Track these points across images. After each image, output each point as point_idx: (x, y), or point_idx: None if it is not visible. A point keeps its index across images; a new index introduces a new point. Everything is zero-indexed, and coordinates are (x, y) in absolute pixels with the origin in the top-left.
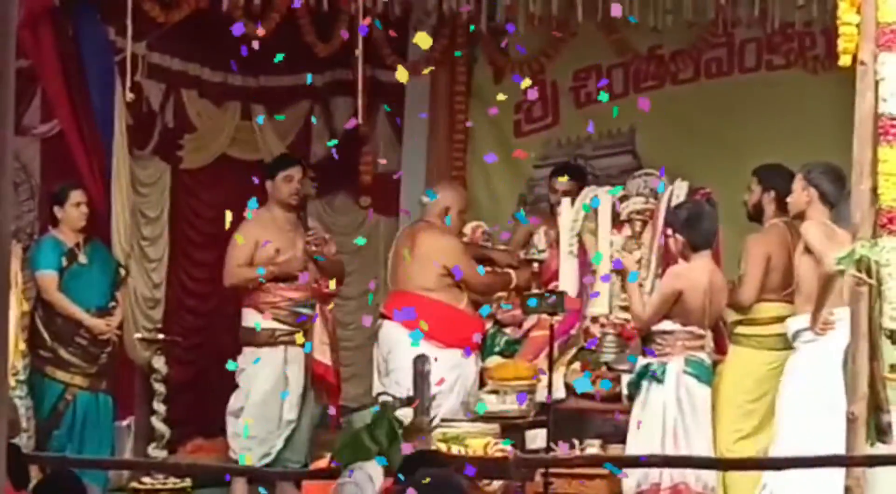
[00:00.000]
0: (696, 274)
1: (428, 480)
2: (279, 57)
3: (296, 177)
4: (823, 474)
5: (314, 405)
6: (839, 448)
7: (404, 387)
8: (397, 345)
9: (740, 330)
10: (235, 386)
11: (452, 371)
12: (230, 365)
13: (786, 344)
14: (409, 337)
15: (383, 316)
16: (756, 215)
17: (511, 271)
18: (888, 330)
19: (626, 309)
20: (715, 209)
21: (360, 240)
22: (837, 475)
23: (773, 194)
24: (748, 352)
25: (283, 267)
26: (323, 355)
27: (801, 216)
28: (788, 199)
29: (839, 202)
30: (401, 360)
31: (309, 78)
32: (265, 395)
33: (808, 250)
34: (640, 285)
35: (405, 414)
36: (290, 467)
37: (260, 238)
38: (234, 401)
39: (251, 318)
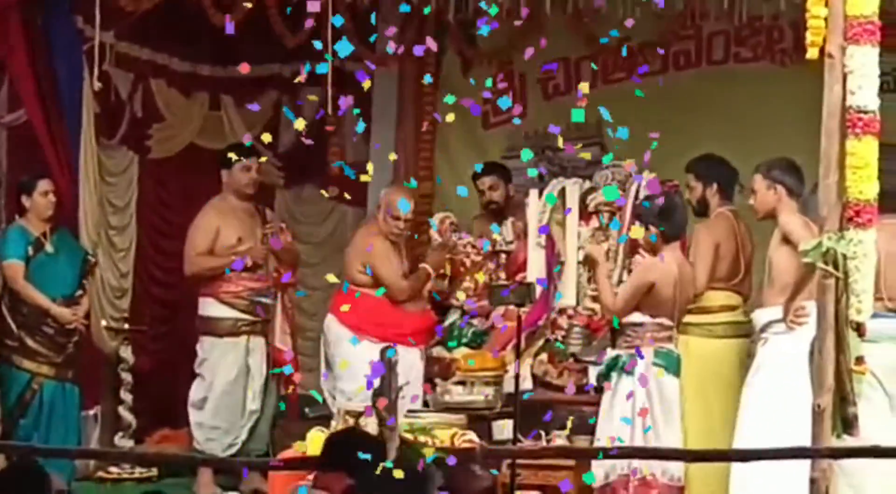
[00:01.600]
0: (667, 266)
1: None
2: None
3: (253, 167)
4: (792, 466)
5: (275, 394)
6: (808, 441)
7: (343, 381)
8: (337, 340)
9: (689, 319)
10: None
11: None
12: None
13: (735, 332)
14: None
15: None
16: (702, 210)
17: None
18: (854, 322)
19: (594, 298)
20: (684, 201)
21: None
22: (805, 467)
23: (715, 186)
24: (698, 342)
25: (244, 256)
26: (284, 344)
27: (770, 215)
28: (752, 201)
29: (803, 193)
30: (340, 356)
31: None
32: (228, 385)
33: (785, 242)
34: (609, 276)
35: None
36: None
37: (220, 226)
38: (196, 392)
39: (211, 308)
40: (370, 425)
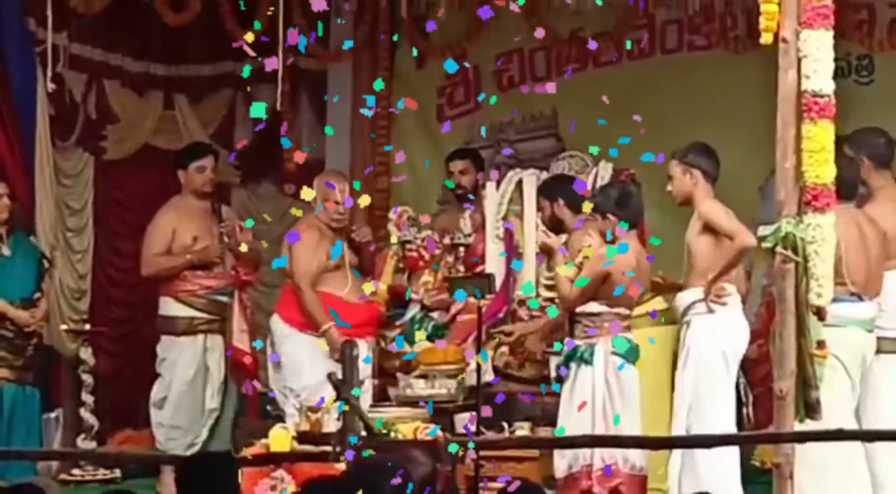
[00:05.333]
0: (623, 255)
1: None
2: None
3: (208, 167)
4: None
5: (235, 393)
6: (731, 416)
7: (290, 379)
8: (281, 338)
9: None
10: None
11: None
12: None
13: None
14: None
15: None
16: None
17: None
18: (815, 306)
19: (551, 288)
20: (640, 190)
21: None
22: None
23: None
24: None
25: (200, 255)
26: (242, 342)
27: (688, 200)
28: (669, 188)
29: (718, 176)
30: (286, 353)
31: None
32: (186, 384)
33: (705, 230)
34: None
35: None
36: None
37: (177, 227)
38: (157, 391)
39: (169, 307)
40: (331, 421)
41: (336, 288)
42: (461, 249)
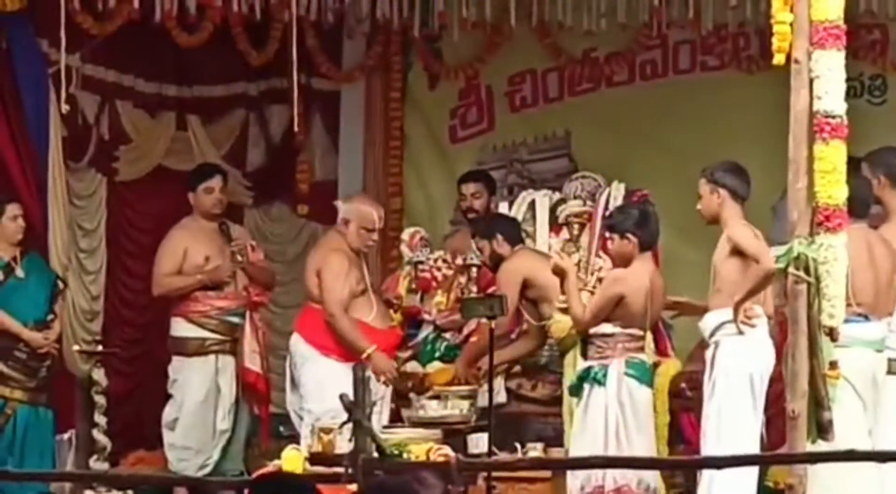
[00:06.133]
0: (637, 277)
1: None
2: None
3: (216, 188)
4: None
5: (247, 414)
6: (754, 439)
7: (311, 401)
8: (303, 360)
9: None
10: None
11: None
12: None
13: None
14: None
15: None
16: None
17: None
18: (827, 327)
19: (563, 311)
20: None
21: None
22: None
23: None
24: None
25: (211, 274)
26: (253, 363)
27: (715, 219)
28: (699, 206)
29: (747, 196)
30: (307, 375)
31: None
32: (197, 405)
33: (733, 253)
34: (579, 288)
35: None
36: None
37: (188, 247)
38: (168, 413)
39: (180, 328)
40: (343, 443)
41: (363, 314)
42: (474, 270)
